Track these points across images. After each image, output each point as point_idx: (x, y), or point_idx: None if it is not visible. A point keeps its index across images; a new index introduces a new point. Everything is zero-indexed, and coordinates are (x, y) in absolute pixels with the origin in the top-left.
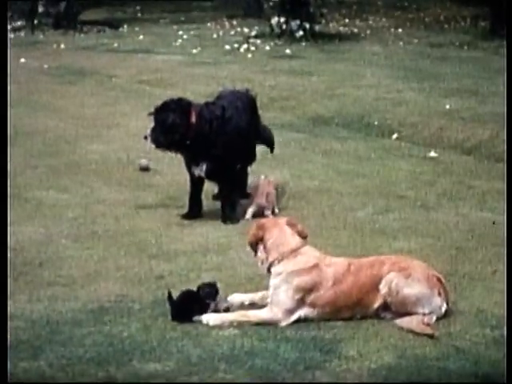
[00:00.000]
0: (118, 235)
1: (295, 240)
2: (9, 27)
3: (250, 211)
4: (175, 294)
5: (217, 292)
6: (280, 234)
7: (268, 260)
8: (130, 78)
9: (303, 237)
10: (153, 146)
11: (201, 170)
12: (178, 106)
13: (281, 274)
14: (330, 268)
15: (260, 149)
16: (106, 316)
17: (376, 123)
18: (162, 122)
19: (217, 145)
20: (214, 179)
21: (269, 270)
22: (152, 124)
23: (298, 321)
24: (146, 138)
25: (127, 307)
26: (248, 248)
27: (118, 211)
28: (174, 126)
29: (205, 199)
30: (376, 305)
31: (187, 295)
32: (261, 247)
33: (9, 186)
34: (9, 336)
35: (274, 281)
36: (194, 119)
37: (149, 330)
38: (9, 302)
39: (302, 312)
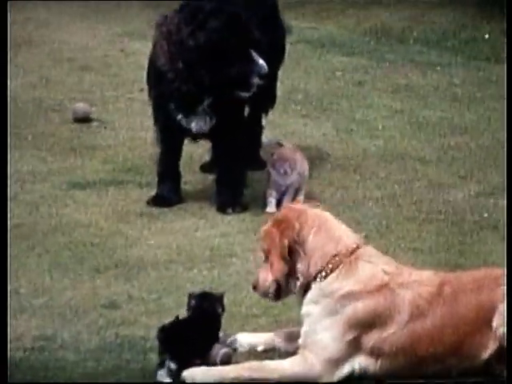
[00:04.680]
0: (37, 233)
1: (351, 233)
2: None
3: (274, 196)
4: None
5: (223, 309)
6: (324, 224)
7: (309, 269)
8: None
9: None
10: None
11: (203, 123)
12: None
13: (329, 296)
14: (407, 291)
15: (284, 87)
16: (16, 375)
17: (487, 37)
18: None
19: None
20: (213, 136)
21: (306, 290)
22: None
23: (350, 378)
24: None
25: (54, 358)
26: (263, 257)
27: (37, 192)
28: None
29: (186, 172)
30: (486, 353)
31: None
32: (299, 249)
33: None
34: None
35: (310, 308)
36: None
37: None
38: None
39: (357, 363)
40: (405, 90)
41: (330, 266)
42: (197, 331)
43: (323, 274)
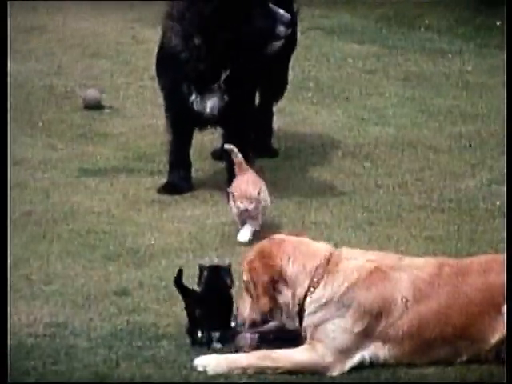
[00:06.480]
0: (48, 221)
1: (321, 244)
2: None
3: (250, 230)
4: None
5: (231, 281)
6: (297, 247)
7: (296, 296)
8: None
9: None
10: None
11: (218, 101)
12: None
13: (330, 300)
14: (405, 274)
15: (295, 74)
16: (28, 361)
17: (498, 24)
18: None
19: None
20: (224, 122)
21: (300, 314)
22: None
23: (360, 366)
24: None
25: (66, 345)
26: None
27: (47, 179)
28: None
29: (197, 159)
30: (495, 338)
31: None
32: (279, 285)
33: None
34: None
35: (314, 317)
36: None
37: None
38: None
39: (367, 351)
40: (416, 78)
41: (316, 279)
42: (213, 304)
43: (312, 289)
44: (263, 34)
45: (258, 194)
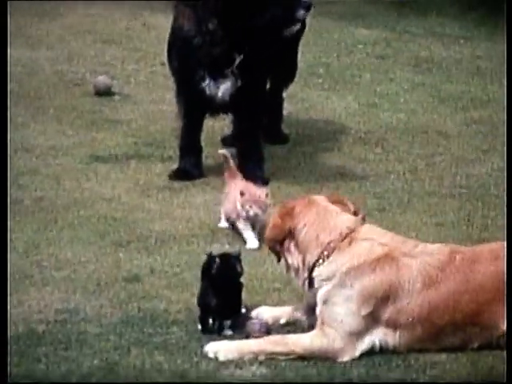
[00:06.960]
0: (59, 207)
1: (346, 218)
2: None
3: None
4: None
5: (241, 271)
6: (320, 215)
7: (306, 262)
8: None
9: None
10: None
11: (230, 86)
12: None
13: (332, 278)
14: (416, 260)
15: (306, 60)
16: (39, 347)
17: None
18: None
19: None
20: (235, 108)
21: (311, 283)
22: None
23: (370, 352)
24: None
25: (77, 331)
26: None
27: (58, 166)
28: None
29: (208, 145)
30: (505, 324)
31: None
32: (291, 246)
33: None
34: None
35: (322, 292)
36: None
37: (114, 370)
38: None
39: (376, 336)
40: (427, 63)
41: (326, 253)
42: (223, 292)
43: (320, 261)
44: (284, 19)
45: (267, 196)
